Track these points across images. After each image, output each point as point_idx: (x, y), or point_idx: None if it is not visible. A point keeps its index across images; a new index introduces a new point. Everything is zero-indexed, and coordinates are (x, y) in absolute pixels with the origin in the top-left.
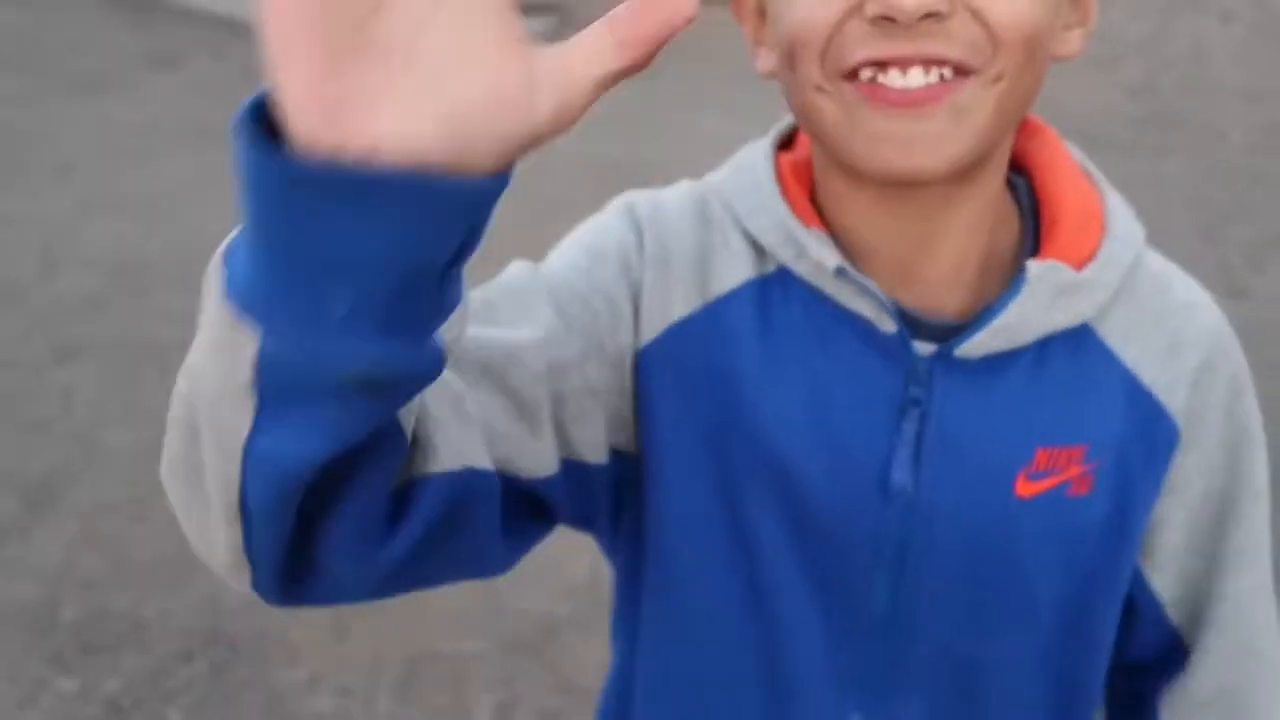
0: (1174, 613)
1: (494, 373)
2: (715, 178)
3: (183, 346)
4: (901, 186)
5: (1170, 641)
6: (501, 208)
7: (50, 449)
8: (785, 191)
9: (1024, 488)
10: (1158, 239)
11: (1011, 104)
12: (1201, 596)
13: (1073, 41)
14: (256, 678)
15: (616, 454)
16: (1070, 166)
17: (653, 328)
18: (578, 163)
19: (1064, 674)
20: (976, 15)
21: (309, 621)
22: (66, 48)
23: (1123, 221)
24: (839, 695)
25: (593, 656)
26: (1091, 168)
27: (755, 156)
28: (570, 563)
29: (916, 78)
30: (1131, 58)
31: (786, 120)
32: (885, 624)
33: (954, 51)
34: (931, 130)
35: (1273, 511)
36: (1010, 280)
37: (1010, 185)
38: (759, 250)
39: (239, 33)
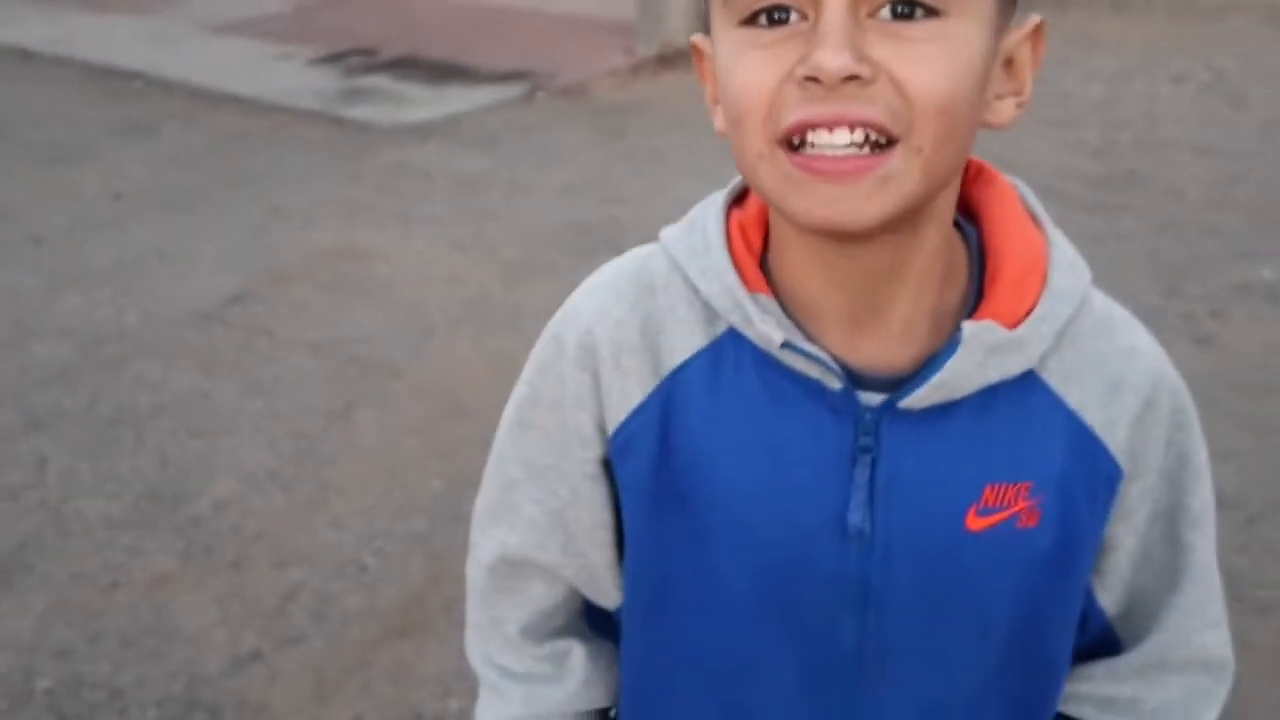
0: (1116, 624)
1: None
2: (670, 234)
3: (155, 413)
4: (841, 241)
5: (1106, 643)
6: (478, 273)
7: (22, 518)
8: (733, 254)
9: (974, 522)
10: (1121, 293)
11: (936, 170)
12: (1148, 609)
13: (1005, 111)
14: None
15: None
16: (1017, 216)
17: (615, 419)
18: (548, 226)
19: (1018, 697)
20: (896, 83)
21: (290, 685)
22: (36, 118)
23: (1065, 273)
24: None
25: None
26: (1040, 211)
27: (707, 216)
28: None
29: (842, 137)
30: (1089, 119)
31: (740, 177)
32: (854, 664)
33: (876, 114)
34: (860, 193)
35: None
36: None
37: (963, 232)
38: (711, 309)
39: (211, 101)
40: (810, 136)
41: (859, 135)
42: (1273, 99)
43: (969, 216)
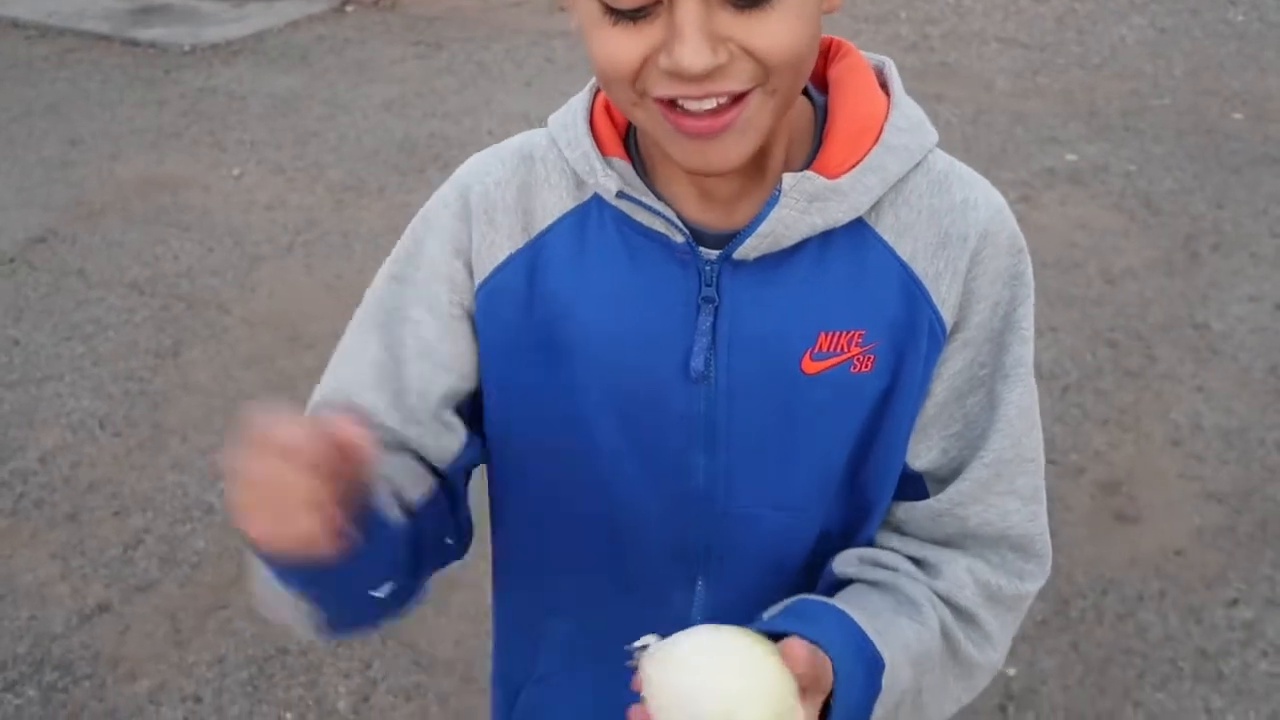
0: (927, 479)
1: (406, 432)
2: (553, 115)
3: None
4: None
5: (912, 488)
6: (303, 197)
7: None
8: (594, 125)
9: (810, 366)
10: None
11: (788, 99)
12: (956, 465)
13: None
14: (93, 697)
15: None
16: (866, 85)
17: (484, 270)
18: (373, 145)
19: (840, 533)
20: (750, 54)
21: (144, 634)
22: None
23: (902, 133)
24: (679, 565)
25: (449, 629)
26: (893, 80)
27: (581, 94)
28: None
29: (708, 102)
30: (901, 15)
31: None
32: (705, 498)
33: (735, 85)
34: (725, 144)
35: (1054, 402)
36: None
37: (814, 101)
38: (579, 178)
39: None
40: (679, 101)
41: (724, 99)
42: None
43: (821, 88)
